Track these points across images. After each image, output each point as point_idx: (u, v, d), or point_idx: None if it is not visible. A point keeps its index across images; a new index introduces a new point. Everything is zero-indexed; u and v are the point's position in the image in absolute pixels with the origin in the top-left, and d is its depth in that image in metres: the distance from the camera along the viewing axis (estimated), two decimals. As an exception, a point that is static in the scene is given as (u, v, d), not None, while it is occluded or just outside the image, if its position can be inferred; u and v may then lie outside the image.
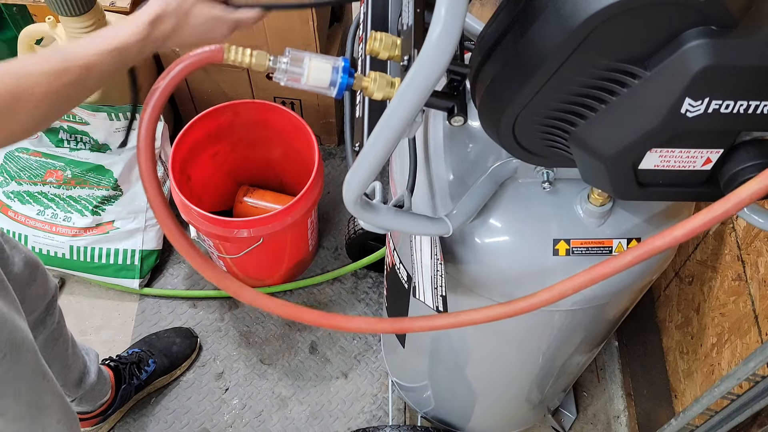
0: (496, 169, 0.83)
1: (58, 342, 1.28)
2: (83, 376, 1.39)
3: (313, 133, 1.54)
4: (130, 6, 1.74)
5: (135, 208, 1.72)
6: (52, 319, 1.25)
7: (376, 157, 0.59)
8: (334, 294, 1.79)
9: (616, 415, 1.61)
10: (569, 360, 1.16)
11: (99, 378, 1.44)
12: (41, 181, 1.70)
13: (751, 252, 1.04)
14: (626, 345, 1.62)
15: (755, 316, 1.01)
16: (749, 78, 0.56)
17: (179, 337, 1.66)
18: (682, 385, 1.27)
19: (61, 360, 1.30)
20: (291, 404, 1.63)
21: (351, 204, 0.68)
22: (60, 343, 1.29)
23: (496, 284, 0.87)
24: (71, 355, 1.33)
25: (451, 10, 0.47)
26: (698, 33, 0.55)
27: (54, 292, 1.25)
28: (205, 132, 1.59)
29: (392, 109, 0.54)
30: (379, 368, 1.68)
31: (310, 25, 1.63)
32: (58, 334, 1.28)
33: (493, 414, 1.43)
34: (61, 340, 1.29)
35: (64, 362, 1.31)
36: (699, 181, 0.69)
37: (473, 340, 1.09)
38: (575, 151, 0.68)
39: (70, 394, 1.38)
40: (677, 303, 1.32)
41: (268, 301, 0.67)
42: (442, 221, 0.79)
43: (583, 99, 0.62)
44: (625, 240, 0.84)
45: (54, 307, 1.26)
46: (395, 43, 0.65)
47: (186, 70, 0.57)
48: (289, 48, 0.61)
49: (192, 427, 1.60)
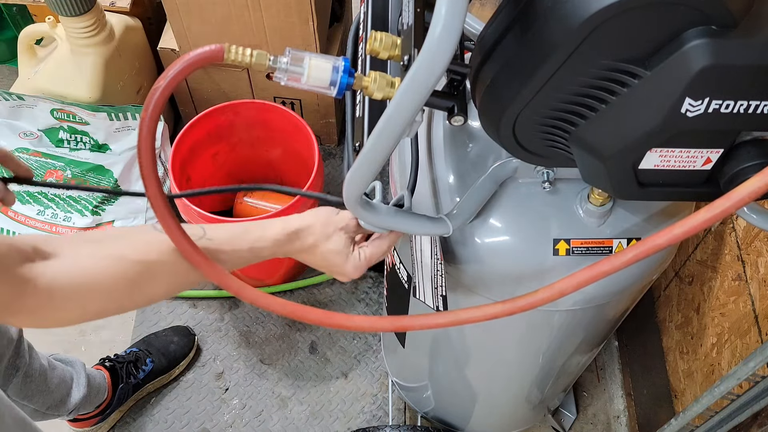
0: (496, 169, 0.83)
1: (33, 377, 1.27)
2: (67, 395, 1.38)
3: (313, 133, 1.54)
4: (130, 6, 1.74)
5: (135, 208, 1.72)
6: (22, 360, 1.24)
7: (376, 157, 0.59)
8: (334, 294, 1.79)
9: (616, 415, 1.61)
10: (569, 360, 1.16)
11: (90, 389, 1.43)
12: (41, 181, 1.70)
13: (751, 252, 1.04)
14: (626, 345, 1.62)
15: (755, 316, 1.01)
16: (749, 78, 0.56)
17: (177, 335, 1.66)
18: (682, 385, 1.27)
19: (42, 391, 1.30)
20: (291, 404, 1.63)
21: (351, 203, 0.68)
22: (38, 377, 1.28)
23: (496, 284, 0.87)
24: (50, 381, 1.32)
25: (451, 10, 0.47)
26: (698, 33, 0.55)
27: (17, 335, 1.23)
28: (205, 132, 1.59)
29: (392, 108, 0.54)
30: (379, 368, 1.68)
31: (310, 25, 1.63)
32: (32, 371, 1.26)
33: (493, 414, 1.43)
34: (38, 374, 1.28)
35: (47, 391, 1.31)
36: (699, 181, 0.69)
37: (473, 339, 1.09)
38: (575, 151, 0.68)
39: (56, 413, 1.37)
40: (677, 303, 1.32)
41: (269, 301, 0.67)
42: (442, 221, 0.79)
43: (584, 99, 0.62)
44: (625, 240, 0.84)
45: (22, 348, 1.24)
46: (395, 43, 0.65)
47: (186, 70, 0.57)
48: (289, 48, 0.61)
49: (192, 427, 1.60)
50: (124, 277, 0.63)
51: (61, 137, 1.70)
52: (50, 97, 1.63)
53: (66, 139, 1.70)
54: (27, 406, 1.28)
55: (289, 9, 1.59)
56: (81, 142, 1.71)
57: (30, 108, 1.66)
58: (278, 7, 1.59)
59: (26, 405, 1.28)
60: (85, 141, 1.71)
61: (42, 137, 1.71)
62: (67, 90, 1.64)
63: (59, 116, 1.66)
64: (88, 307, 0.62)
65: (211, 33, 1.67)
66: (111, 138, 1.70)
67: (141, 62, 1.81)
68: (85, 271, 0.61)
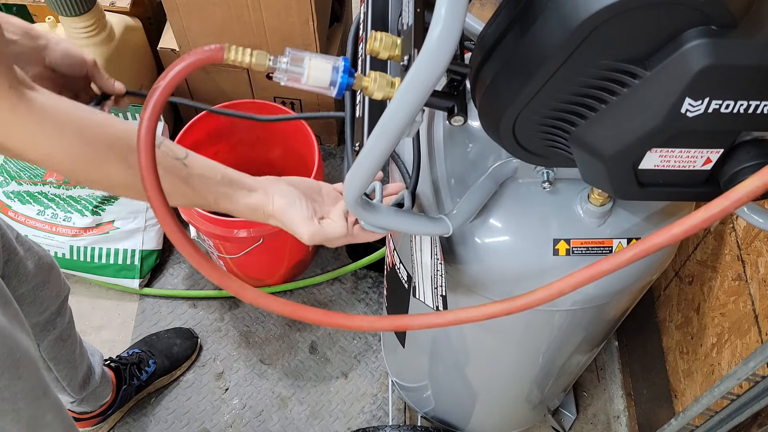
0: (496, 169, 0.83)
1: (67, 342, 1.28)
2: (89, 377, 1.39)
3: (313, 133, 1.54)
4: (130, 6, 1.74)
5: (135, 207, 1.72)
6: (62, 320, 1.25)
7: (376, 157, 0.59)
8: (334, 294, 1.79)
9: (616, 415, 1.61)
10: (569, 360, 1.16)
11: (102, 380, 1.44)
12: (41, 181, 1.70)
13: (751, 252, 1.04)
14: (626, 345, 1.62)
15: (755, 316, 1.01)
16: (749, 78, 0.56)
17: (180, 337, 1.66)
18: (682, 385, 1.27)
19: (69, 360, 1.30)
20: (291, 404, 1.63)
21: (351, 204, 0.68)
22: (69, 344, 1.29)
23: (496, 284, 0.87)
24: (78, 356, 1.34)
25: (451, 10, 0.47)
26: (698, 33, 0.55)
27: (66, 293, 1.26)
28: (205, 132, 1.59)
29: (392, 108, 0.54)
30: (379, 368, 1.68)
31: (310, 25, 1.63)
32: (67, 335, 1.28)
33: (493, 414, 1.43)
34: (70, 341, 1.29)
35: (72, 363, 1.32)
36: (699, 181, 0.69)
37: (473, 339, 1.09)
38: (575, 151, 0.68)
39: (75, 395, 1.38)
40: (677, 303, 1.32)
41: (269, 301, 0.67)
42: (442, 221, 0.79)
43: (584, 99, 0.62)
44: (625, 240, 0.84)
45: (65, 307, 1.26)
46: (395, 43, 0.65)
47: (186, 70, 0.57)
48: (289, 48, 0.61)
49: (192, 427, 1.60)
50: (95, 140, 0.65)
51: (61, 137, 1.70)
52: (50, 97, 1.63)
53: (66, 139, 1.71)
54: (51, 371, 1.29)
55: (289, 9, 1.59)
56: (81, 142, 1.71)
57: (30, 108, 1.66)
58: (278, 7, 1.59)
59: (51, 371, 1.29)
60: (85, 141, 1.71)
61: (42, 137, 1.71)
62: (67, 90, 1.64)
63: (59, 116, 1.66)
64: (66, 148, 0.63)
65: (211, 33, 1.67)
66: (111, 138, 1.70)
67: (141, 62, 1.81)
68: (68, 110, 0.63)
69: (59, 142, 0.62)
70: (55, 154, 0.63)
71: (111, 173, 0.66)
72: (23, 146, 0.61)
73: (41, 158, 0.63)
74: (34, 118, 0.60)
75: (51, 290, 1.19)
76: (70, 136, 0.63)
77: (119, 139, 0.66)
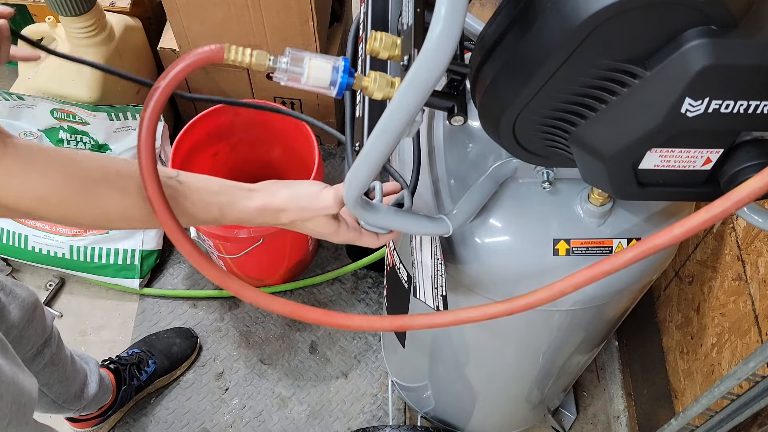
0: (496, 169, 0.83)
1: (57, 366, 1.28)
2: (83, 388, 1.39)
3: (313, 133, 1.54)
4: (130, 6, 1.74)
5: (135, 208, 1.72)
6: (50, 349, 1.26)
7: (376, 157, 0.59)
8: (334, 294, 1.79)
9: (616, 415, 1.61)
10: (569, 360, 1.16)
11: (100, 386, 1.44)
12: (41, 181, 1.70)
13: (751, 252, 1.04)
14: (626, 345, 1.62)
15: (755, 316, 1.01)
16: (749, 78, 0.56)
17: (179, 337, 1.66)
18: (682, 385, 1.27)
19: (60, 380, 1.31)
20: (291, 404, 1.63)
21: (351, 204, 0.68)
22: (59, 366, 1.29)
23: (496, 284, 0.87)
24: (70, 372, 1.34)
25: (451, 10, 0.47)
26: (698, 33, 0.55)
27: (51, 325, 1.26)
28: (205, 132, 1.59)
29: (392, 108, 0.54)
30: (379, 368, 1.68)
31: (310, 25, 1.63)
32: (56, 359, 1.28)
33: (493, 414, 1.43)
34: (60, 364, 1.29)
35: (63, 381, 1.32)
36: (699, 181, 0.69)
37: (473, 339, 1.09)
38: (575, 151, 0.68)
39: (71, 407, 1.38)
40: (677, 303, 1.32)
41: (269, 300, 0.67)
42: (442, 221, 0.79)
43: (584, 99, 0.62)
44: (625, 240, 0.84)
45: (51, 338, 1.26)
46: (395, 43, 0.65)
47: (186, 70, 0.57)
48: (289, 48, 0.61)
49: (192, 427, 1.60)
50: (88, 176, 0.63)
51: (61, 137, 1.70)
52: (50, 97, 1.63)
53: (66, 139, 1.71)
54: (46, 395, 1.29)
55: (289, 9, 1.59)
56: (81, 142, 1.71)
57: (30, 108, 1.66)
58: (278, 7, 1.59)
59: (45, 394, 1.29)
60: (85, 141, 1.71)
61: (42, 137, 1.71)
62: (67, 90, 1.64)
63: (59, 116, 1.66)
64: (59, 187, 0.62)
65: (211, 33, 1.67)
66: (111, 138, 1.70)
67: (141, 62, 1.81)
68: (50, 150, 0.62)
69: (51, 182, 0.61)
70: (49, 196, 0.61)
71: (107, 204, 0.65)
72: (17, 193, 0.60)
73: (36, 203, 0.61)
74: (24, 160, 0.59)
75: (36, 329, 1.19)
76: (60, 174, 0.61)
77: (106, 167, 0.65)
